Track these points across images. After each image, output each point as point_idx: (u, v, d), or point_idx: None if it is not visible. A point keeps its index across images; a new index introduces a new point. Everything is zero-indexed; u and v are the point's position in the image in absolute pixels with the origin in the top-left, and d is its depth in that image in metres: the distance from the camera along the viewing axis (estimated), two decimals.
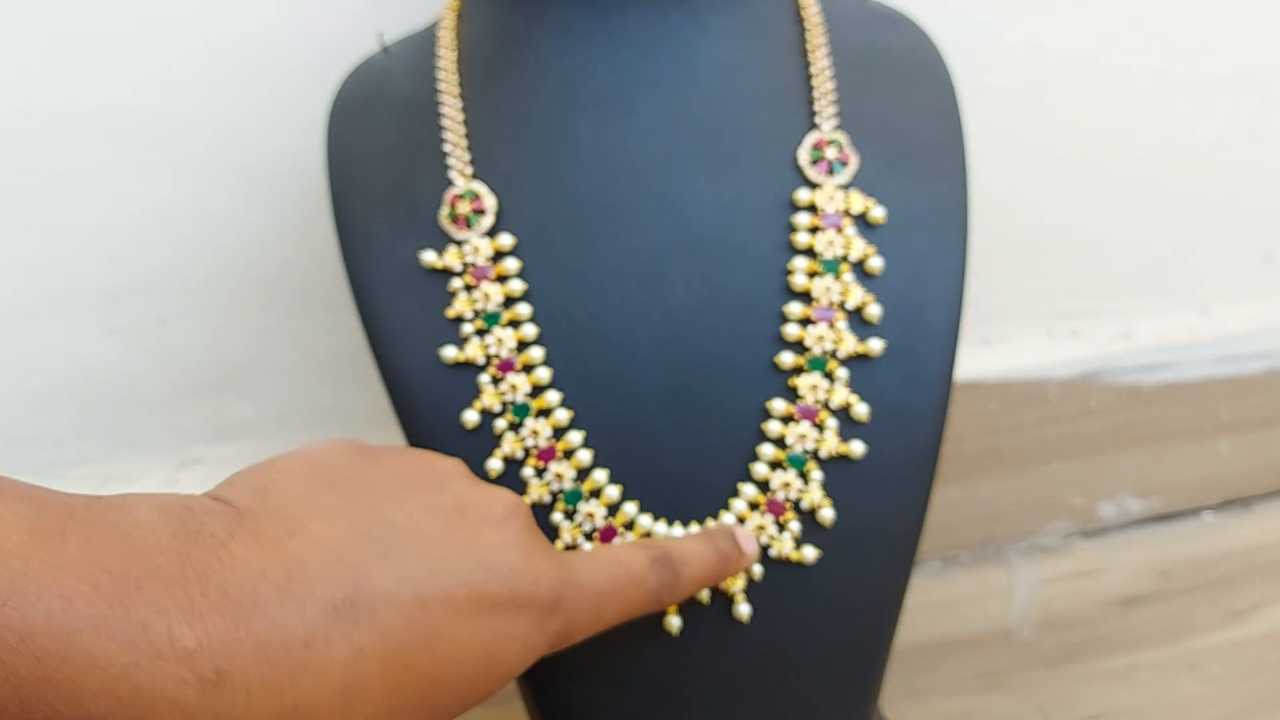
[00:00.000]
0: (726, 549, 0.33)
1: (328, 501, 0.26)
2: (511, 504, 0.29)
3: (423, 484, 0.29)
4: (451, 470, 0.30)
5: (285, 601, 0.23)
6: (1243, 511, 0.70)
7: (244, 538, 0.23)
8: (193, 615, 0.21)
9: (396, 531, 0.26)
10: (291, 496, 0.26)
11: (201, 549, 0.22)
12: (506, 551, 0.27)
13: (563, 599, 0.28)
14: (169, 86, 0.51)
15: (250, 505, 0.25)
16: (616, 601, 0.30)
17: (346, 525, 0.25)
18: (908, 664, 0.59)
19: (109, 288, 0.54)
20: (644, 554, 0.31)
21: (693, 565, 0.32)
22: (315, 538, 0.24)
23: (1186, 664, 0.58)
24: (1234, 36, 0.60)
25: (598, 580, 0.29)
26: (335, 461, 0.28)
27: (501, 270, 0.36)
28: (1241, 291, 0.69)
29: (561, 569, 0.28)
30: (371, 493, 0.27)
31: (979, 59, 0.56)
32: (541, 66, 0.38)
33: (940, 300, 0.36)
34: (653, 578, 0.31)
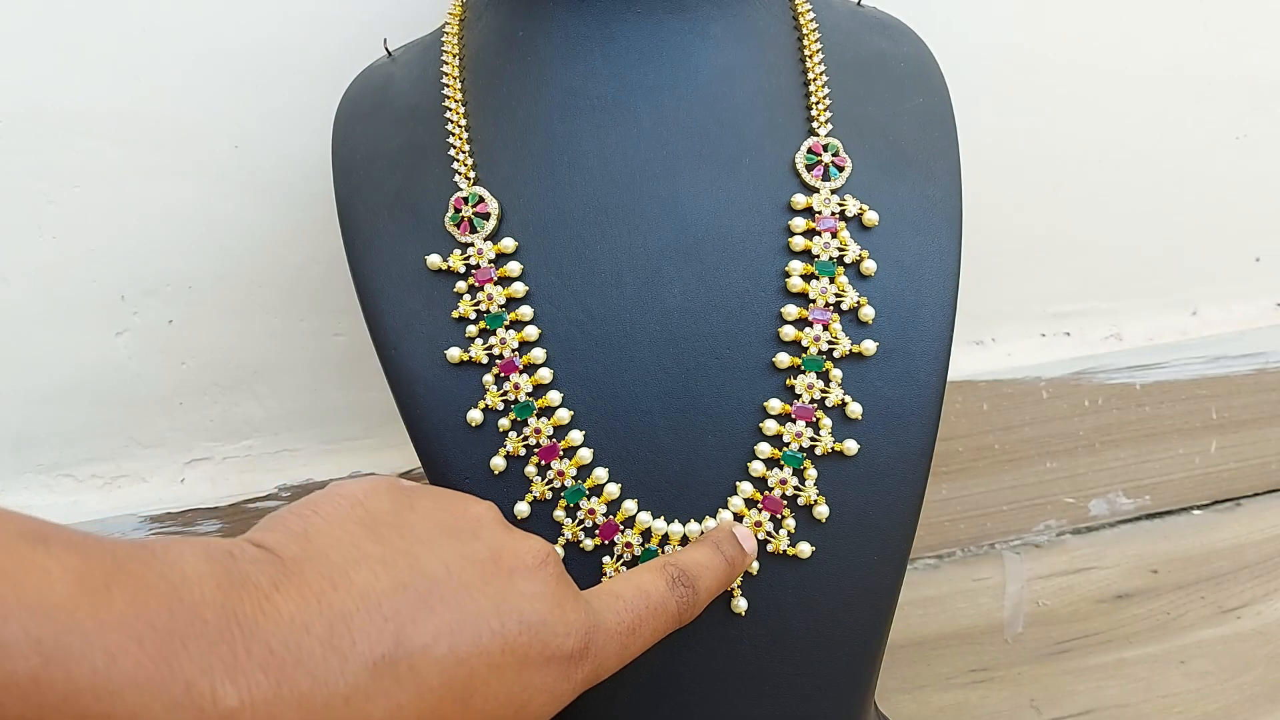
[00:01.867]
0: (732, 553, 0.34)
1: (368, 549, 0.26)
2: (543, 552, 0.29)
3: (459, 531, 0.28)
4: (485, 516, 0.30)
5: (328, 657, 0.23)
6: (1232, 509, 0.71)
7: (288, 589, 0.23)
8: (236, 672, 0.21)
9: (434, 583, 0.26)
10: (333, 543, 0.26)
11: (246, 601, 0.22)
12: (538, 603, 0.27)
13: (590, 646, 0.28)
14: (179, 91, 0.51)
15: (294, 553, 0.25)
16: (641, 634, 0.30)
17: (387, 576, 0.25)
18: (901, 658, 0.59)
19: (119, 289, 0.55)
20: (663, 577, 0.31)
21: (707, 578, 0.32)
22: (358, 590, 0.24)
23: (1176, 660, 0.59)
24: (1223, 40, 0.61)
25: (623, 620, 0.30)
26: (373, 505, 0.28)
27: (504, 273, 0.36)
28: (1231, 292, 0.69)
29: (589, 615, 0.29)
30: (410, 540, 0.27)
31: (972, 64, 0.57)
32: (543, 73, 0.39)
33: (933, 301, 0.36)
34: (673, 601, 0.31)
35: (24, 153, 0.51)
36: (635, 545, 0.35)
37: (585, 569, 0.36)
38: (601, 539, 0.35)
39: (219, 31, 0.50)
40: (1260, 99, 0.63)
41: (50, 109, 0.50)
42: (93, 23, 0.49)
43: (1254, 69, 0.62)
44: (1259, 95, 0.63)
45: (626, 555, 0.35)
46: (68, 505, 0.58)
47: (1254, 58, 0.62)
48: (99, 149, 0.51)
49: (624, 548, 0.35)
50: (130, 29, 0.49)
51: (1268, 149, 0.65)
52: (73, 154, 0.51)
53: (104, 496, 0.59)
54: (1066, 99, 0.61)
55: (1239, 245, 0.68)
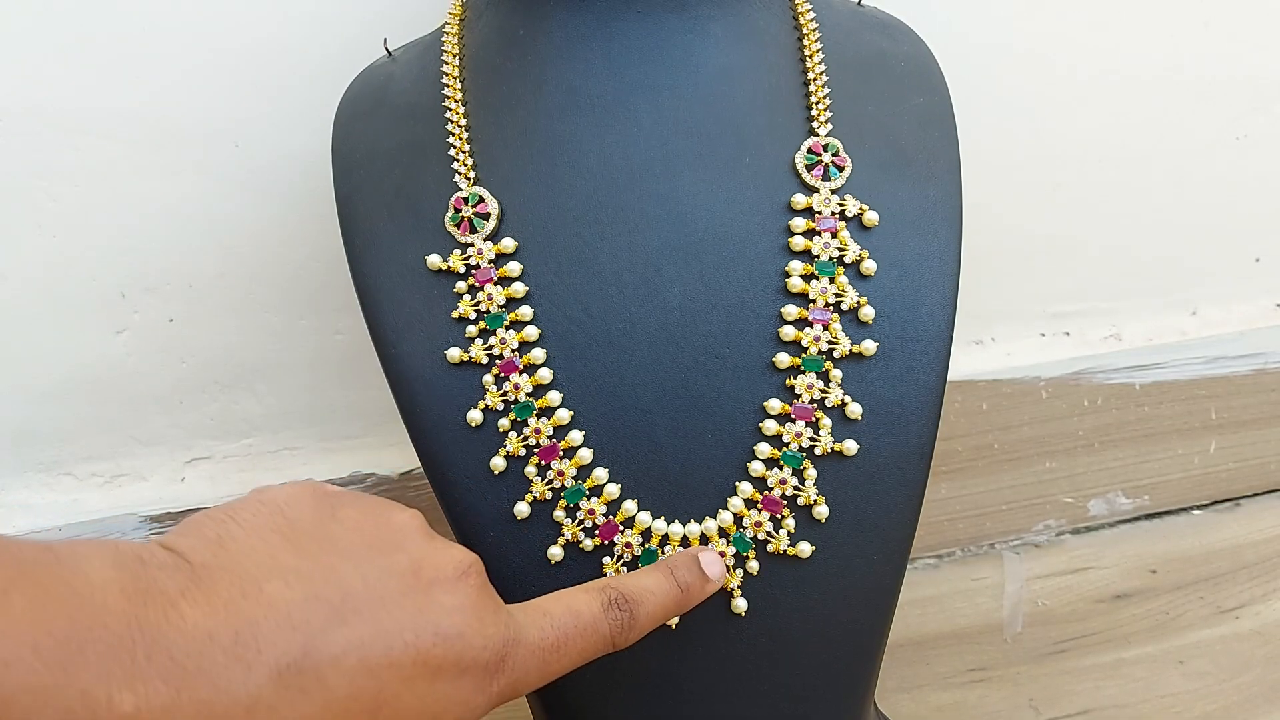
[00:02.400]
0: (688, 580, 0.33)
1: (284, 559, 0.26)
2: (464, 563, 0.29)
3: (380, 542, 0.28)
4: (408, 525, 0.30)
5: (231, 666, 0.22)
6: (1231, 509, 0.71)
7: (196, 597, 0.23)
8: (135, 680, 0.21)
9: (349, 594, 0.26)
10: (248, 552, 0.25)
11: (151, 608, 0.22)
12: (455, 615, 0.27)
13: (507, 660, 0.28)
14: (179, 90, 0.51)
15: (205, 560, 0.25)
16: (567, 653, 0.30)
17: (300, 587, 0.25)
18: (900, 658, 0.59)
19: (119, 287, 0.55)
20: (598, 598, 0.31)
21: (649, 604, 0.32)
22: (268, 600, 0.24)
23: (1175, 660, 0.59)
24: (1223, 40, 0.61)
25: (546, 635, 0.29)
26: (295, 514, 0.28)
27: (504, 273, 0.36)
28: (1230, 293, 0.69)
29: (509, 629, 0.28)
30: (329, 551, 0.27)
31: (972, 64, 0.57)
32: (543, 72, 0.39)
33: (933, 301, 0.36)
34: (605, 623, 0.31)
35: (24, 152, 0.51)
36: (635, 545, 0.35)
37: (585, 569, 0.36)
38: (601, 539, 0.35)
39: (219, 31, 0.50)
40: (1260, 99, 0.63)
41: (50, 108, 0.50)
42: (93, 22, 0.49)
43: (1254, 69, 0.62)
44: (1259, 95, 0.63)
45: (626, 555, 0.35)
46: (67, 504, 0.58)
47: (1254, 58, 0.62)
48: (99, 148, 0.51)
49: (624, 548, 0.35)
50: (130, 29, 0.49)
51: (1268, 149, 0.65)
52: (73, 153, 0.51)
53: (104, 495, 0.59)
54: (1066, 99, 0.61)
55: (1239, 245, 0.68)
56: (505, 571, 0.36)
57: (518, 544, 0.36)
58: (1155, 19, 0.60)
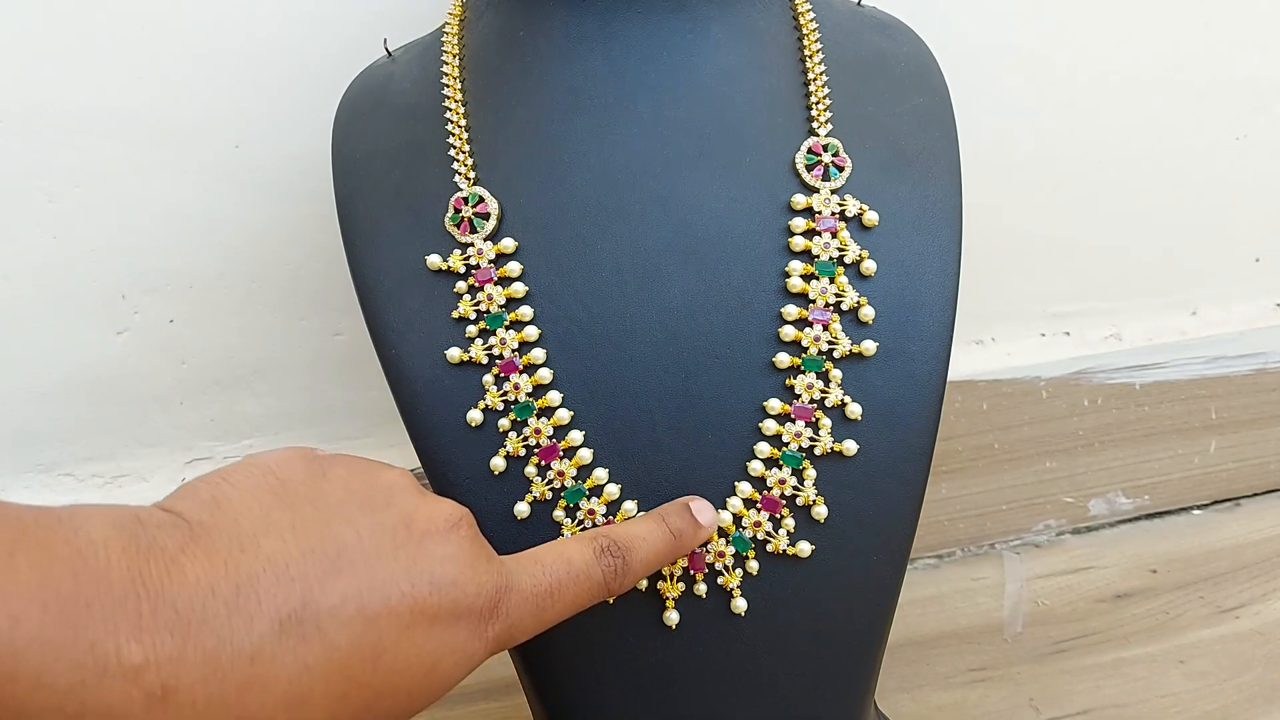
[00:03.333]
0: (680, 525, 0.34)
1: (279, 517, 0.26)
2: (455, 515, 0.30)
3: (371, 499, 0.29)
4: (398, 482, 0.30)
5: (233, 618, 0.23)
6: (1231, 509, 0.71)
7: (195, 553, 0.24)
8: (141, 632, 0.21)
9: (344, 548, 0.26)
10: (243, 510, 0.26)
11: (152, 564, 0.23)
12: (448, 564, 0.28)
13: (501, 606, 0.29)
14: (179, 90, 0.51)
15: (202, 519, 0.25)
16: (561, 599, 0.30)
17: (296, 541, 0.26)
18: (900, 658, 0.59)
19: (119, 287, 0.55)
20: (590, 546, 0.32)
21: (642, 550, 0.33)
22: (265, 554, 0.25)
23: (1175, 659, 0.59)
24: (1223, 41, 0.61)
25: (539, 582, 0.30)
26: (286, 474, 0.28)
27: (504, 273, 0.36)
28: (1231, 293, 0.69)
29: (502, 576, 0.29)
30: (321, 508, 0.27)
31: (972, 64, 0.57)
32: (543, 72, 0.39)
33: (933, 301, 0.36)
34: (599, 569, 0.31)
35: (24, 152, 0.51)
36: None
37: None
38: None
39: (219, 31, 0.50)
40: (1260, 99, 0.63)
41: (50, 108, 0.50)
42: (93, 22, 0.49)
43: (1254, 69, 0.62)
44: (1259, 95, 0.63)
45: None
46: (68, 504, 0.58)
47: (1254, 58, 0.62)
48: (99, 148, 0.51)
49: None
50: (131, 29, 0.50)
51: (1268, 149, 0.65)
52: (73, 153, 0.51)
53: (104, 495, 0.59)
54: (1066, 99, 0.61)
55: (1239, 245, 0.68)
56: None
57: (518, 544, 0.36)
58: (1155, 19, 0.60)
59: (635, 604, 0.36)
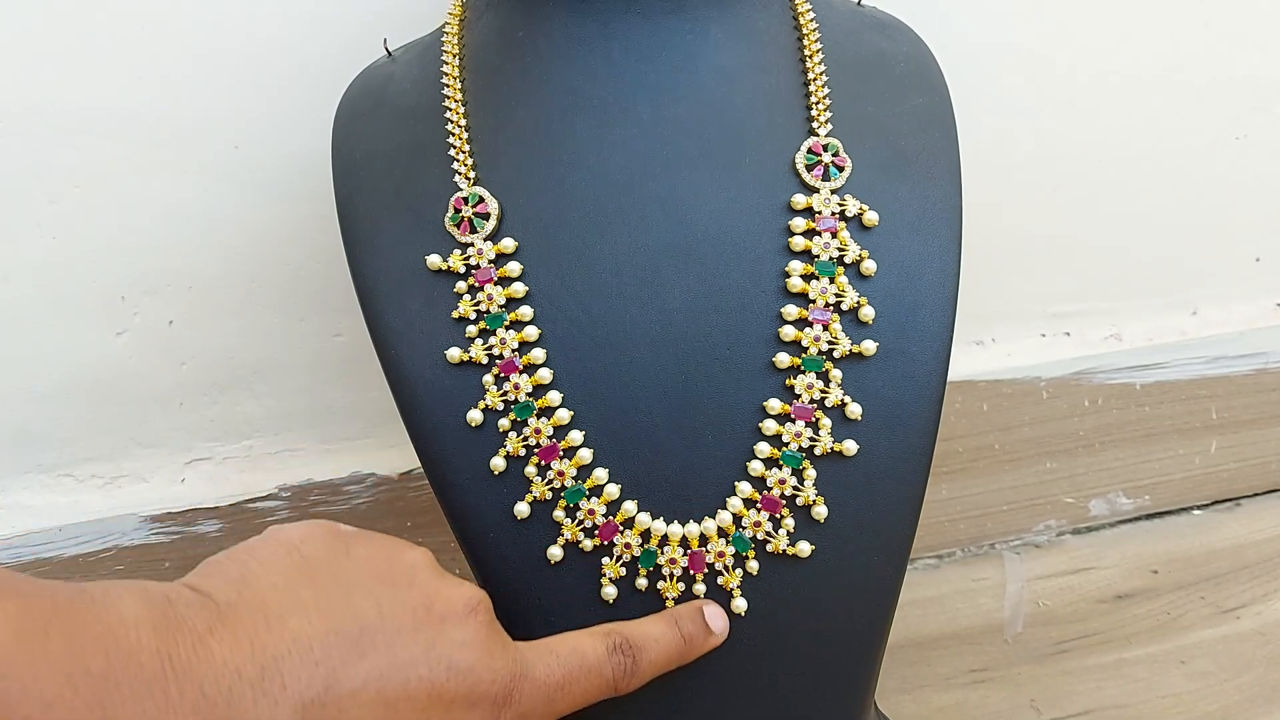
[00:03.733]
0: (691, 631, 0.34)
1: (304, 595, 0.27)
2: (474, 599, 0.30)
3: (393, 578, 0.29)
4: (419, 562, 0.31)
5: (259, 700, 0.23)
6: (1232, 509, 0.71)
7: (222, 633, 0.24)
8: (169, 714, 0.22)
9: (366, 628, 0.27)
10: (269, 588, 0.27)
11: (181, 644, 0.23)
12: (466, 650, 0.28)
13: (515, 693, 0.29)
14: (179, 91, 0.51)
15: (230, 598, 0.26)
16: (571, 693, 0.31)
17: (320, 621, 0.26)
18: (901, 658, 0.59)
19: (119, 288, 0.55)
20: (603, 643, 0.32)
21: (653, 651, 0.33)
22: (291, 635, 0.25)
23: (1176, 660, 0.59)
24: (1223, 40, 0.61)
25: (552, 673, 0.31)
26: (310, 551, 0.29)
27: (504, 273, 0.36)
28: (1231, 292, 0.69)
29: (517, 664, 0.30)
30: (346, 586, 0.28)
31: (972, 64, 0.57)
32: (543, 72, 0.39)
33: (933, 301, 0.36)
34: (609, 667, 0.32)
35: (24, 152, 0.51)
36: (634, 546, 0.35)
37: (585, 569, 0.36)
38: (601, 540, 0.35)
39: (219, 31, 0.50)
40: (1260, 99, 0.63)
41: (50, 109, 0.50)
42: (93, 22, 0.49)
43: (1254, 69, 0.62)
44: (1259, 95, 0.63)
45: (625, 556, 0.35)
46: (68, 505, 0.58)
47: (1254, 58, 0.62)
48: (99, 148, 0.51)
49: (623, 548, 0.35)
50: (131, 29, 0.50)
51: (1268, 149, 0.65)
52: (73, 153, 0.51)
53: (104, 496, 0.59)
54: (1066, 99, 0.61)
55: (1239, 245, 0.68)
56: (505, 571, 0.36)
57: (517, 544, 0.36)
58: (1155, 19, 0.60)
59: (635, 605, 0.36)
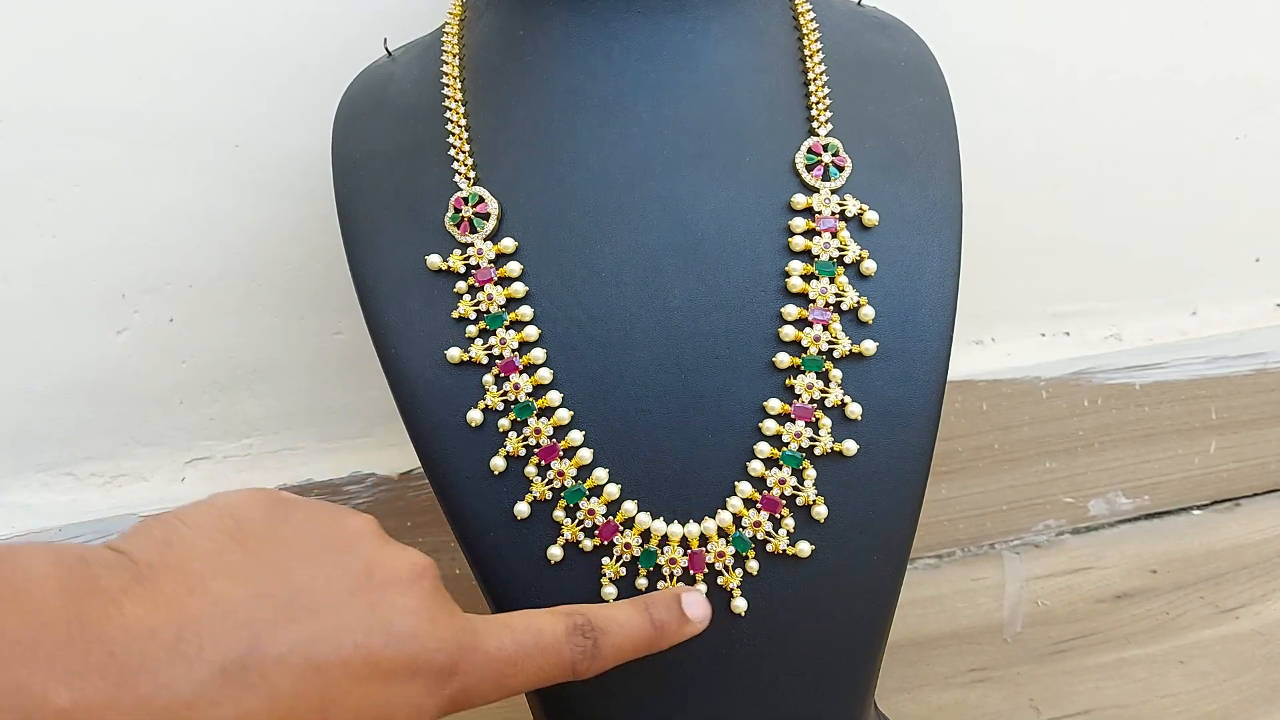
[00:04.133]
0: (664, 618, 0.33)
1: (232, 559, 0.26)
2: (419, 566, 0.29)
3: (332, 544, 0.28)
4: (362, 529, 0.29)
5: (173, 662, 0.22)
6: (1231, 509, 0.71)
7: (138, 594, 0.23)
8: (72, 675, 0.21)
9: (299, 593, 0.25)
10: (195, 551, 0.25)
11: (92, 605, 0.22)
12: (408, 616, 0.27)
13: (461, 665, 0.28)
14: (179, 90, 0.51)
15: (150, 559, 0.24)
16: (524, 670, 0.29)
17: (248, 585, 0.25)
18: (900, 658, 0.59)
19: (119, 287, 0.55)
20: (563, 622, 0.31)
21: (617, 636, 0.31)
22: (214, 596, 0.24)
23: (1176, 660, 0.59)
24: (1223, 40, 0.61)
25: (505, 648, 0.29)
26: (245, 515, 0.27)
27: (504, 273, 0.36)
28: (1231, 292, 0.69)
29: (465, 635, 0.28)
30: (279, 551, 0.27)
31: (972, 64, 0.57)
32: (543, 72, 0.39)
33: (933, 301, 0.36)
34: (568, 648, 0.30)
35: (24, 152, 0.51)
36: (634, 546, 0.35)
37: (585, 569, 0.36)
38: (601, 540, 0.35)
39: (219, 31, 0.50)
40: (1260, 99, 0.63)
41: (50, 108, 0.50)
42: (93, 22, 0.49)
43: (1254, 69, 0.62)
44: (1259, 95, 0.63)
45: (625, 556, 0.35)
46: (67, 504, 0.58)
47: (1254, 58, 0.62)
48: (99, 148, 0.51)
49: (623, 548, 0.35)
50: (131, 29, 0.50)
51: (1268, 149, 0.65)
52: (73, 153, 0.51)
53: (104, 495, 0.59)
54: (1066, 99, 0.61)
55: (1239, 245, 0.68)
56: (505, 571, 0.36)
57: (517, 544, 0.36)
58: (1155, 19, 0.60)
59: None
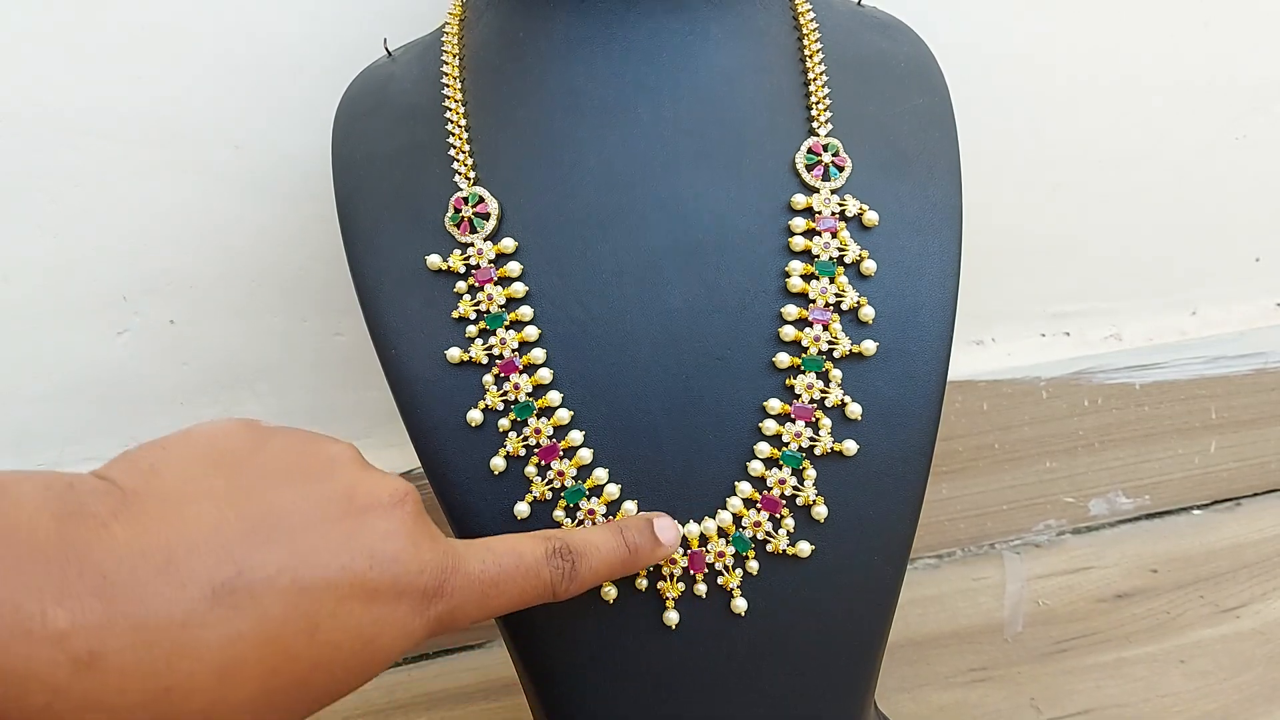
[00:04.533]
0: (638, 541, 0.34)
1: (215, 485, 0.26)
2: (400, 491, 0.29)
3: (312, 469, 0.28)
4: (342, 455, 0.30)
5: (164, 584, 0.23)
6: (1231, 509, 0.71)
7: (127, 518, 0.23)
8: (68, 596, 0.21)
9: (282, 517, 0.26)
10: (179, 478, 0.26)
11: (83, 529, 0.22)
12: (391, 539, 0.27)
13: (445, 586, 0.28)
14: (180, 91, 0.51)
15: (136, 486, 0.25)
16: (506, 591, 0.30)
17: (232, 510, 0.25)
18: (901, 658, 0.59)
19: (120, 288, 0.55)
20: (542, 545, 0.31)
21: (593, 558, 0.32)
22: (199, 521, 0.24)
23: (1176, 659, 0.59)
24: (1223, 41, 0.61)
25: (487, 569, 0.30)
26: (226, 444, 0.28)
27: (504, 273, 0.37)
28: (1231, 292, 0.69)
29: (447, 557, 0.29)
30: (260, 477, 0.27)
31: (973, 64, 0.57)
32: (543, 73, 0.39)
33: (933, 301, 0.36)
34: (547, 570, 0.31)
35: (25, 153, 0.51)
36: None
37: None
38: None
39: (220, 31, 0.50)
40: (1260, 99, 0.63)
41: (50, 109, 0.50)
42: (94, 23, 0.49)
43: (1254, 69, 0.62)
44: (1259, 95, 0.63)
45: None
46: None
47: (1254, 58, 0.62)
48: (100, 148, 0.51)
49: None
50: (131, 29, 0.50)
51: (1268, 149, 0.65)
52: (73, 154, 0.51)
53: None
54: (1066, 99, 0.61)
55: (1239, 245, 0.68)
56: None
57: None
58: (1155, 19, 0.60)
59: (635, 604, 0.36)
